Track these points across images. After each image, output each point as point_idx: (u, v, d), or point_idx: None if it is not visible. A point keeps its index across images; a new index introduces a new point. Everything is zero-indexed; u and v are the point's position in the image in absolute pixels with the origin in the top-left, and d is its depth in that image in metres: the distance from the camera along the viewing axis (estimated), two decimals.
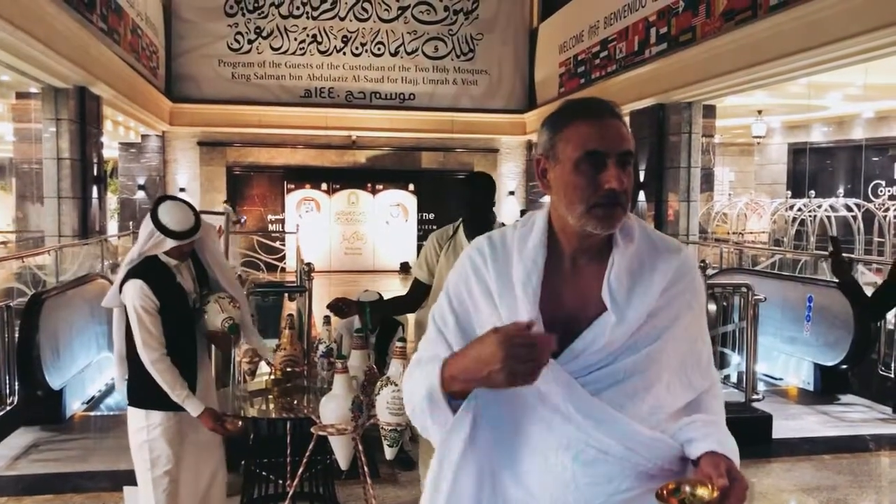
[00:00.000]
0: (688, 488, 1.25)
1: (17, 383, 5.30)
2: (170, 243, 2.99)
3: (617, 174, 1.41)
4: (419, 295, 3.77)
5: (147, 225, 3.02)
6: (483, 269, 1.51)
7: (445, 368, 1.40)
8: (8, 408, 5.23)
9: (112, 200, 17.12)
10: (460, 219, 3.73)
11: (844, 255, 3.37)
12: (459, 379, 1.37)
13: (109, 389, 6.61)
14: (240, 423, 3.10)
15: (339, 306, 3.59)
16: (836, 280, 3.51)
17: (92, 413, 6.02)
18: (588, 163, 1.42)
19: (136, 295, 2.96)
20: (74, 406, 5.89)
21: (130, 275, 3.01)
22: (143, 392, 3.05)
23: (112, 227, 16.61)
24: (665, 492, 1.25)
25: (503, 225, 3.73)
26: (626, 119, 10.71)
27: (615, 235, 1.49)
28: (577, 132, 1.44)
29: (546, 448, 1.40)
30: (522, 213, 15.12)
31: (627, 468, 1.38)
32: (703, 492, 1.24)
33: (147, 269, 3.01)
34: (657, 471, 1.39)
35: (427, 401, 1.43)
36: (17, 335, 5.34)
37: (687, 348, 1.49)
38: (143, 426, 3.04)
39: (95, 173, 10.74)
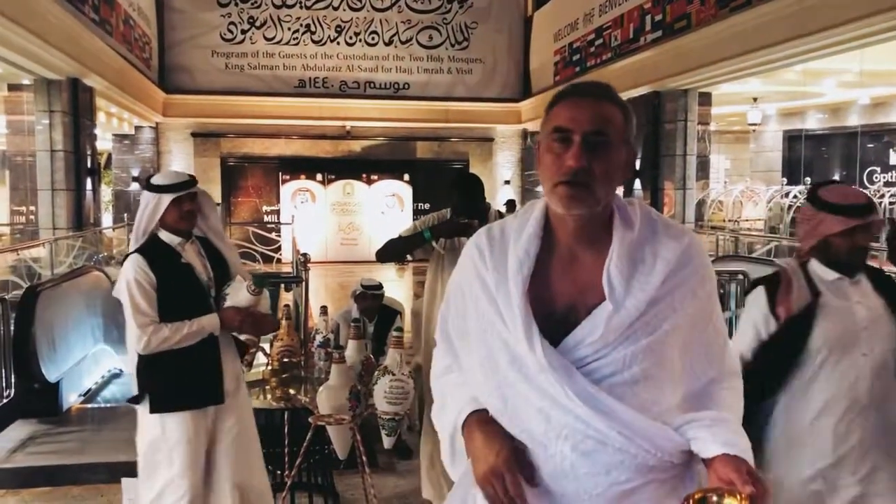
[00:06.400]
0: (715, 497, 1.23)
1: (13, 376, 5.28)
2: (167, 199, 2.84)
3: (577, 153, 1.39)
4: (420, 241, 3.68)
5: (143, 197, 2.90)
6: (480, 264, 1.52)
7: (465, 426, 1.49)
8: (5, 401, 5.22)
9: (106, 192, 17.07)
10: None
11: None
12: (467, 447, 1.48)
13: (106, 381, 6.60)
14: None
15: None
16: None
17: (89, 405, 6.01)
18: (556, 140, 1.42)
19: (130, 268, 2.82)
20: (71, 398, 5.87)
21: (130, 254, 2.88)
22: (154, 393, 2.86)
23: (106, 219, 16.55)
24: (691, 501, 1.23)
25: (498, 212, 3.78)
26: None
27: (615, 222, 1.47)
28: (555, 112, 1.45)
29: (545, 438, 1.39)
30: (509, 203, 15.06)
31: (627, 459, 1.37)
32: (731, 501, 1.22)
33: (148, 248, 2.88)
34: (657, 462, 1.38)
35: (449, 442, 1.55)
36: (12, 328, 5.33)
37: (692, 337, 1.46)
38: (159, 435, 2.85)
39: (89, 165, 10.69)
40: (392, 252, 3.87)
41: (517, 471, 1.35)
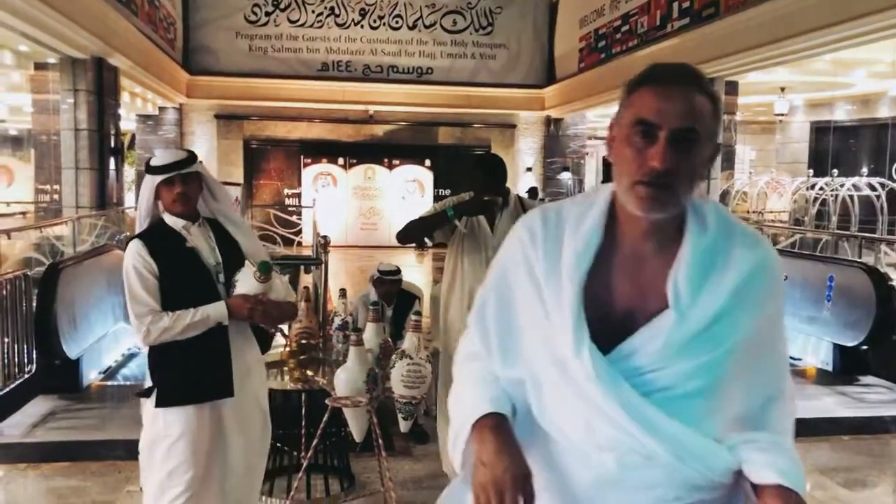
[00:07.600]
0: None
1: (35, 352, 5.33)
2: (156, 180, 2.65)
3: (662, 152, 1.24)
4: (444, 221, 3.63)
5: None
6: (530, 250, 1.39)
7: (477, 426, 1.34)
8: (26, 376, 5.27)
9: (129, 173, 17.18)
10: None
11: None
12: (476, 448, 1.34)
13: (126, 359, 6.65)
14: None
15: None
16: None
17: (108, 382, 6.06)
18: (639, 133, 1.27)
19: (128, 254, 2.66)
20: (91, 375, 5.93)
21: (132, 239, 2.72)
22: (160, 387, 2.69)
23: (129, 199, 16.65)
24: None
25: (519, 197, 3.75)
26: None
27: (688, 222, 1.33)
28: (640, 98, 1.29)
29: (587, 446, 1.31)
30: (531, 190, 14.96)
31: (675, 476, 1.27)
32: None
33: (149, 232, 2.72)
34: (706, 482, 1.28)
35: (454, 434, 1.40)
36: (35, 304, 5.37)
37: (754, 355, 1.33)
38: (161, 429, 2.67)
39: (113, 145, 10.76)
40: (413, 232, 3.83)
41: (518, 493, 1.25)
